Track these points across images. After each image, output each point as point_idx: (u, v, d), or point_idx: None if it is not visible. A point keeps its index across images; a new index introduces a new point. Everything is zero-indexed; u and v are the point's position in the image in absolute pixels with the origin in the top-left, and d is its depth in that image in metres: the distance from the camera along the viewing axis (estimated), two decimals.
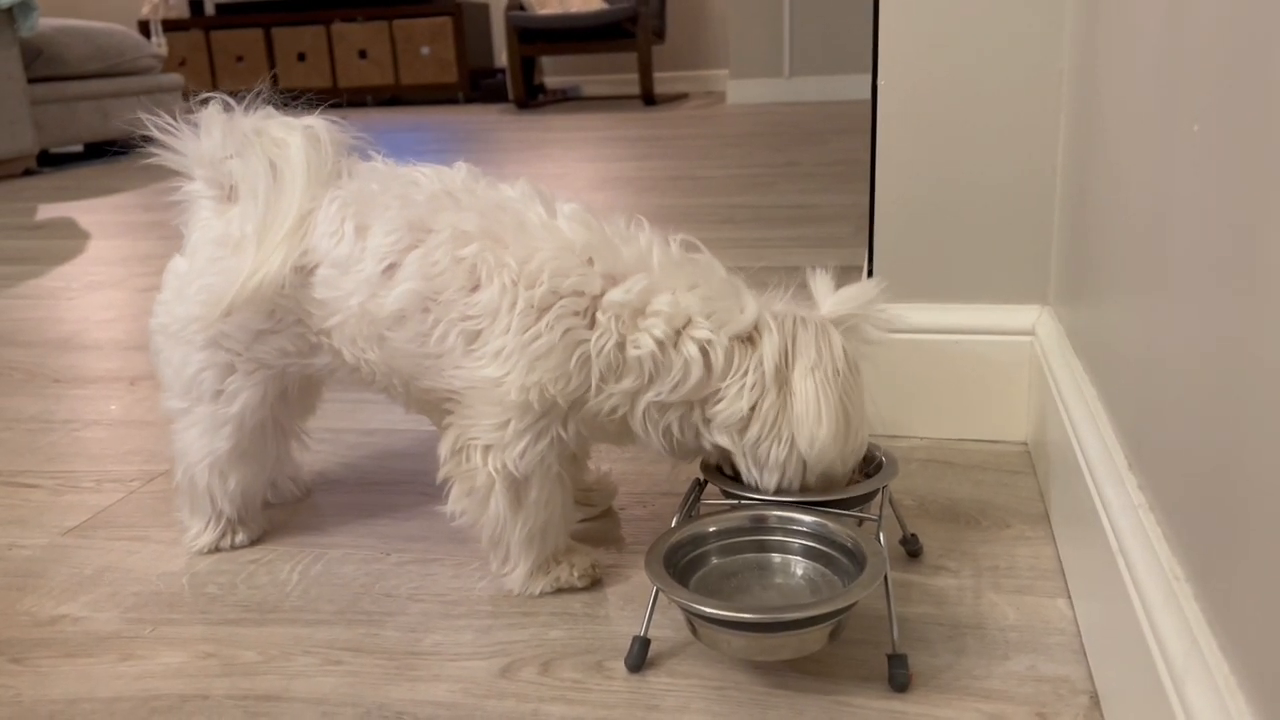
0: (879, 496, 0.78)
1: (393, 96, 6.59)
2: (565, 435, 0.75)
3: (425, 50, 6.37)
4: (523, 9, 5.70)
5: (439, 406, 0.79)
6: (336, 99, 0.90)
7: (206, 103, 0.82)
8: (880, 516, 0.74)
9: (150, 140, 0.83)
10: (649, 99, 5.64)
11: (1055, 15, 0.94)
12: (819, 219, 2.23)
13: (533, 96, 6.14)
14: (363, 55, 6.46)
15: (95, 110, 4.11)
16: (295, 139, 0.80)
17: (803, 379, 0.73)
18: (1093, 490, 0.69)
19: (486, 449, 0.75)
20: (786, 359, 0.74)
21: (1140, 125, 0.66)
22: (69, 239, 2.51)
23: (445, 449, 0.77)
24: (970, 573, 0.81)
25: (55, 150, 4.39)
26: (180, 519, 0.93)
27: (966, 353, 1.04)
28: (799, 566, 0.74)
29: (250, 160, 0.80)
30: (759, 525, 0.75)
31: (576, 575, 0.81)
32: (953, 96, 0.99)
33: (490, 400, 0.74)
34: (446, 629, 0.77)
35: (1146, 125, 0.64)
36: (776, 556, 0.75)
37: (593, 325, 0.73)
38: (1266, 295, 0.41)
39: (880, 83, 1.00)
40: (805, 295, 0.78)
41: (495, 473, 0.75)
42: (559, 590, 0.81)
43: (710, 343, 0.73)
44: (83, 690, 0.72)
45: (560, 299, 0.73)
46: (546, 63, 6.69)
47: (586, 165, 3.35)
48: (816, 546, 0.74)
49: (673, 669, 0.71)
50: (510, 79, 5.86)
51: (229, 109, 0.82)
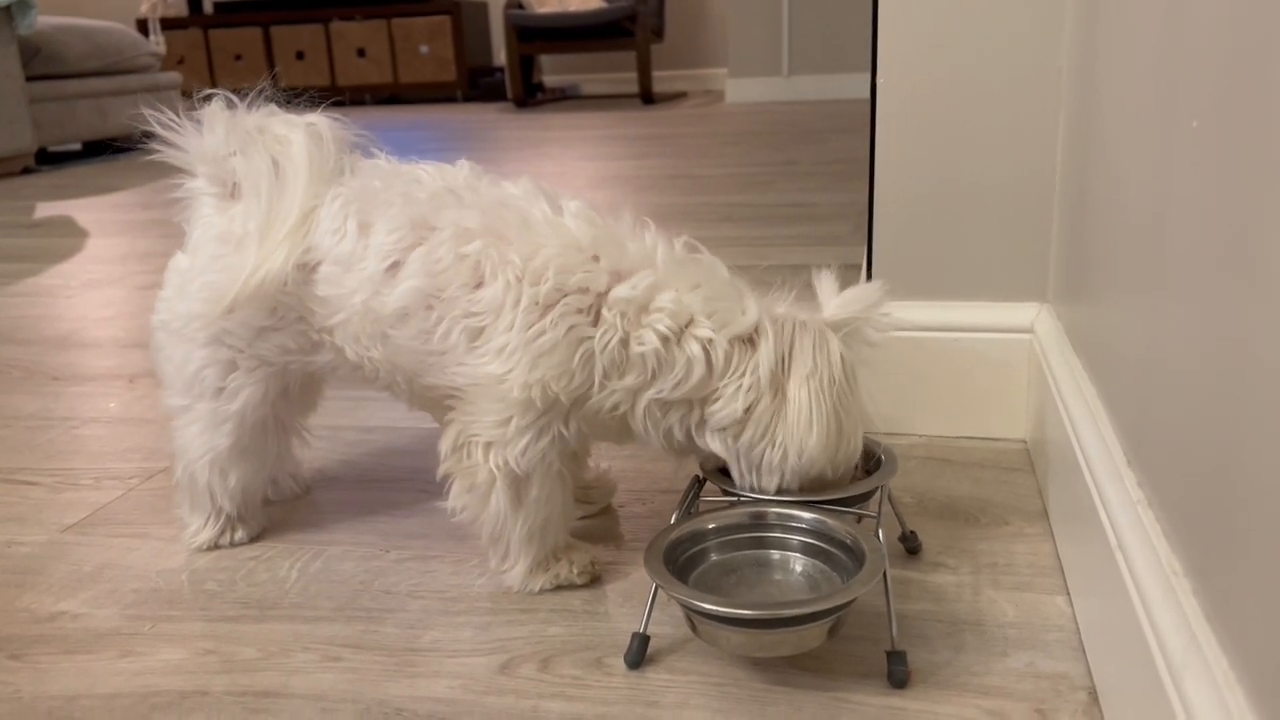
0: (878, 494, 0.78)
1: (391, 95, 6.59)
2: (567, 433, 0.75)
3: (424, 49, 6.37)
4: (521, 7, 5.69)
5: (441, 404, 0.79)
6: (337, 97, 0.90)
7: (209, 100, 0.82)
8: (879, 513, 0.74)
9: (152, 137, 0.83)
10: (648, 98, 5.64)
11: (1055, 15, 0.95)
12: (818, 217, 2.23)
13: (531, 95, 6.14)
14: (361, 54, 6.45)
15: (94, 108, 4.10)
16: (298, 136, 0.80)
17: (798, 387, 0.73)
18: (1091, 487, 0.69)
19: (488, 446, 0.75)
20: (783, 365, 0.74)
21: (1139, 124, 0.66)
22: (67, 237, 2.50)
23: (446, 445, 0.77)
24: (969, 569, 0.82)
25: (53, 148, 4.38)
26: (180, 516, 0.93)
27: (966, 350, 1.04)
28: (798, 563, 0.74)
29: (253, 157, 0.80)
30: (758, 522, 0.75)
31: (576, 572, 0.81)
32: (952, 95, 0.99)
33: (493, 397, 0.74)
34: (446, 625, 0.77)
35: (1146, 124, 0.65)
36: (775, 553, 0.75)
37: (597, 322, 0.73)
38: (1265, 293, 0.41)
39: (879, 82, 1.01)
40: (809, 296, 0.78)
41: (496, 469, 0.75)
42: (558, 587, 0.81)
43: (711, 342, 0.73)
44: (82, 687, 0.72)
45: (565, 296, 0.73)
46: (545, 61, 6.69)
47: (585, 164, 3.35)
48: (815, 543, 0.74)
49: (672, 665, 0.71)
50: (509, 77, 5.86)
51: (232, 106, 0.82)
